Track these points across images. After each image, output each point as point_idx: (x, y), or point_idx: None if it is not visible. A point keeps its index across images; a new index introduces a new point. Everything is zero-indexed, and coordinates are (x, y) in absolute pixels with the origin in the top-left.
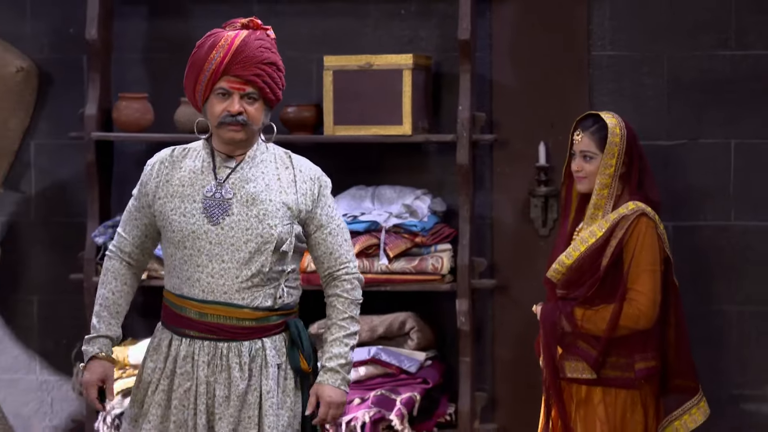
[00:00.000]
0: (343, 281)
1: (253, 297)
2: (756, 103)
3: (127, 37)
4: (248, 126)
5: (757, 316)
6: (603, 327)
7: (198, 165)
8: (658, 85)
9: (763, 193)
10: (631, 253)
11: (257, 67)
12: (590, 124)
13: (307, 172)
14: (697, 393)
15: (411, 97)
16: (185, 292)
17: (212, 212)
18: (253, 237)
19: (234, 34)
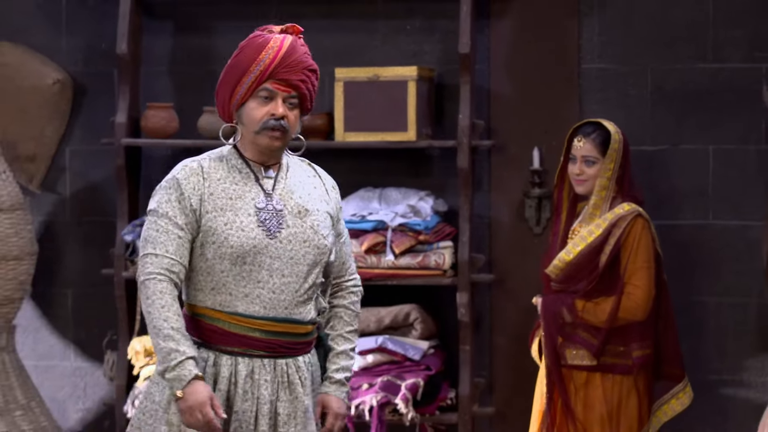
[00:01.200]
0: (350, 293)
1: (307, 310)
2: (732, 112)
3: (155, 51)
4: (288, 133)
5: (734, 307)
6: (602, 318)
7: (237, 176)
8: (643, 95)
9: (739, 194)
10: (628, 251)
11: (303, 72)
12: (591, 130)
13: (328, 181)
14: (683, 379)
15: (415, 106)
16: (241, 309)
17: (269, 225)
18: (311, 249)
19: (282, 37)
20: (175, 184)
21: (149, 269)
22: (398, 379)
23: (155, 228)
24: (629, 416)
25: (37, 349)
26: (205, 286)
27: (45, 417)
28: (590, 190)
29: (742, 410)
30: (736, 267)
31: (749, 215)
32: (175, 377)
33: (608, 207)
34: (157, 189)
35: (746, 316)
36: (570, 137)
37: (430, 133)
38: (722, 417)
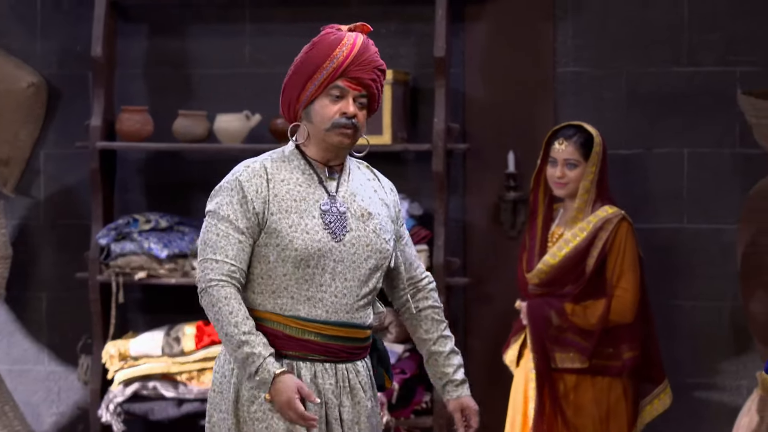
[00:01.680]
0: (431, 291)
1: (366, 315)
2: (707, 116)
3: (130, 54)
4: (358, 131)
5: (708, 310)
6: (592, 321)
7: (300, 177)
8: (618, 99)
9: (713, 198)
10: (615, 254)
11: (374, 71)
12: (572, 133)
13: (386, 183)
14: (663, 380)
15: (390, 110)
16: (303, 313)
17: (334, 228)
18: (373, 253)
19: (354, 35)
20: (237, 185)
21: (210, 275)
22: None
23: (215, 232)
24: (620, 418)
25: (11, 353)
26: (265, 289)
27: (19, 421)
28: (571, 193)
29: (716, 413)
30: (711, 271)
31: (724, 219)
32: (258, 383)
33: (591, 210)
34: (217, 190)
35: (720, 320)
36: (549, 140)
37: (405, 137)
38: (697, 420)
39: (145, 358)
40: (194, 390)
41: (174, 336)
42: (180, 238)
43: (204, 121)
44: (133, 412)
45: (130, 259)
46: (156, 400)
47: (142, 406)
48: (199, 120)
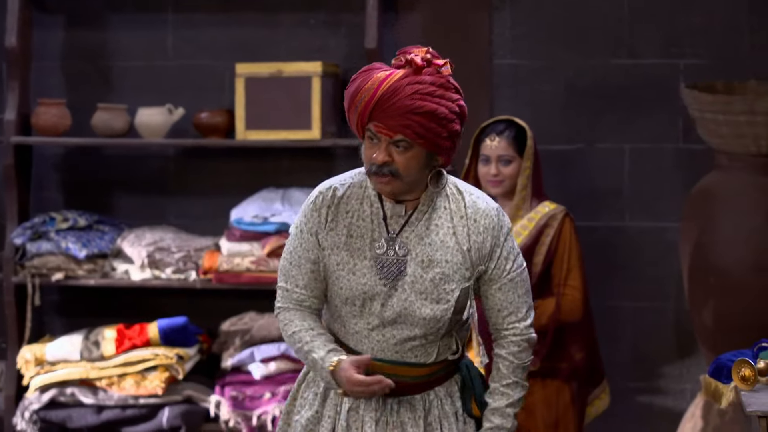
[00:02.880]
0: (509, 342)
1: (427, 354)
2: (648, 110)
3: (46, 45)
4: (399, 177)
5: (651, 311)
6: (542, 321)
7: (366, 210)
8: (556, 92)
9: (655, 195)
10: (562, 251)
11: (405, 117)
12: (503, 128)
13: (482, 221)
14: (603, 381)
15: (320, 103)
16: (351, 344)
17: (386, 272)
18: (429, 303)
19: (384, 76)
20: (308, 212)
21: (279, 303)
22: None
23: (289, 259)
24: (569, 420)
25: None
26: (333, 315)
27: None
28: (507, 191)
29: (659, 418)
30: (653, 270)
31: (666, 216)
32: (327, 383)
33: (529, 206)
34: (302, 208)
35: (663, 321)
36: (478, 137)
37: (335, 132)
38: (639, 425)
39: (63, 363)
40: (114, 396)
41: (93, 340)
42: (99, 237)
43: (124, 115)
44: (49, 420)
45: (47, 259)
46: (74, 407)
47: (60, 414)
48: (119, 114)
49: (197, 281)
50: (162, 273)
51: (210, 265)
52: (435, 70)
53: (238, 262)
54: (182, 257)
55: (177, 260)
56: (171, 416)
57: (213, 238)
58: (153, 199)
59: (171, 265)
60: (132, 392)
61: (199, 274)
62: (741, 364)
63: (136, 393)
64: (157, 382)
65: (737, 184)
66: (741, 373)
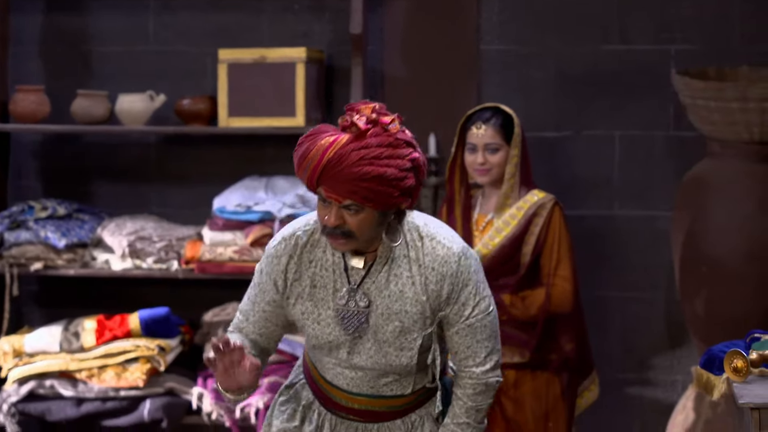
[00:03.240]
0: (466, 385)
1: (403, 387)
2: (638, 97)
3: (24, 29)
4: (353, 237)
5: (639, 302)
6: (532, 312)
7: (329, 260)
8: (545, 79)
9: (645, 183)
10: (551, 240)
11: (353, 184)
12: (489, 115)
13: (440, 269)
14: (592, 372)
15: (304, 90)
16: (329, 377)
17: (348, 324)
18: (393, 350)
19: (328, 143)
20: (270, 258)
21: (230, 328)
22: (285, 379)
23: (248, 294)
24: (559, 412)
25: None
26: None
27: None
28: (494, 180)
29: (649, 410)
30: (643, 260)
31: (657, 205)
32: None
33: (518, 195)
34: (266, 248)
35: (653, 312)
36: (464, 125)
37: (319, 118)
38: (629, 418)
39: (42, 354)
40: (94, 388)
41: (73, 331)
42: (79, 226)
43: (105, 102)
44: (28, 413)
45: (26, 248)
46: (53, 400)
47: (39, 406)
48: (100, 100)
49: (179, 271)
50: (143, 263)
51: (192, 254)
52: (382, 129)
53: (220, 251)
54: (164, 247)
55: (158, 250)
56: (152, 409)
57: (195, 228)
58: (134, 187)
59: (152, 254)
60: (112, 384)
61: (181, 263)
62: (733, 355)
63: (116, 385)
64: (138, 374)
65: (729, 171)
66: (733, 365)
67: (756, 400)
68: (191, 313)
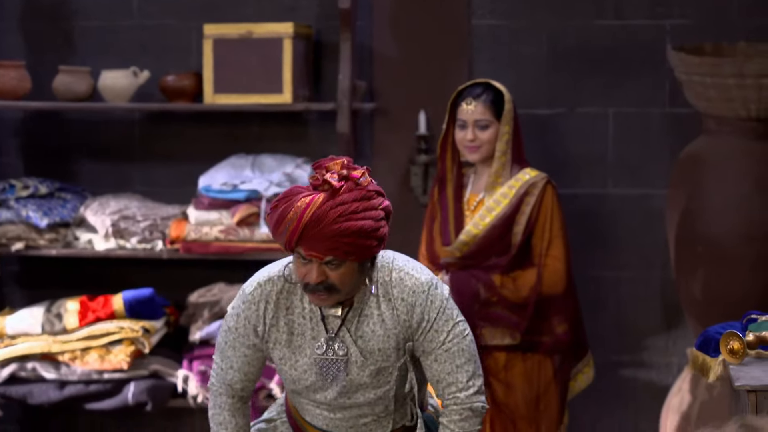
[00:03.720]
0: (451, 411)
1: (382, 427)
2: (633, 73)
3: (3, 3)
4: (335, 290)
5: (634, 281)
6: (523, 293)
7: (306, 308)
8: (538, 54)
9: (640, 161)
10: (543, 220)
11: (333, 241)
12: (480, 91)
13: (408, 299)
14: (587, 354)
15: (291, 66)
16: (307, 417)
17: (326, 372)
18: (371, 390)
19: (305, 204)
20: (247, 304)
21: (212, 379)
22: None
23: (224, 339)
24: (551, 402)
25: None
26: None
27: None
28: (484, 157)
29: (644, 393)
30: (638, 239)
31: (651, 183)
32: None
33: (509, 173)
34: (239, 292)
35: (648, 292)
36: (454, 101)
37: (307, 95)
38: (623, 400)
39: (24, 336)
40: (77, 371)
41: (55, 312)
42: (61, 205)
43: (87, 78)
44: (9, 396)
45: (7, 228)
46: (35, 383)
47: (20, 389)
48: (82, 77)
49: (164, 251)
50: (127, 243)
51: (177, 234)
52: (354, 184)
53: (206, 231)
54: (148, 226)
55: (143, 229)
56: (137, 392)
57: (180, 207)
58: (117, 165)
59: (136, 234)
60: (96, 367)
61: (165, 243)
62: (729, 337)
63: (100, 368)
64: (122, 356)
65: (726, 149)
66: (729, 346)
67: (752, 383)
68: (176, 294)
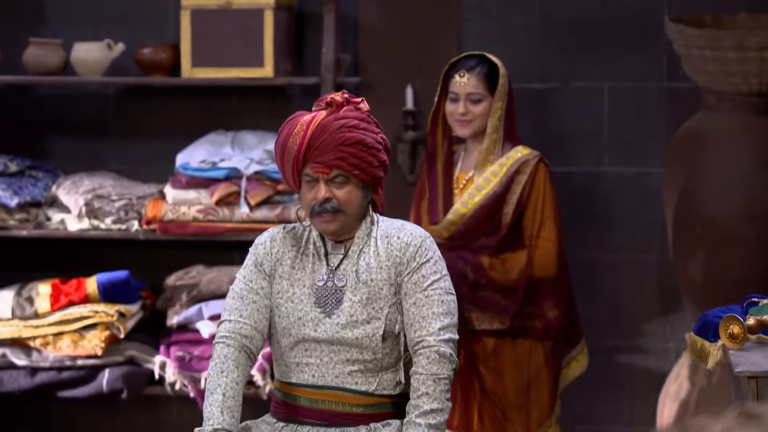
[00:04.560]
0: (419, 356)
1: (368, 383)
2: (629, 46)
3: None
4: (341, 212)
5: (630, 264)
6: (513, 276)
7: (310, 247)
8: (530, 26)
9: (637, 137)
10: (534, 199)
11: (338, 150)
12: (474, 63)
13: (404, 238)
14: (581, 340)
15: (273, 38)
16: (294, 379)
17: (325, 302)
18: (360, 323)
19: (310, 117)
20: (254, 249)
21: (220, 333)
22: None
23: (232, 295)
24: (542, 389)
25: None
26: (275, 356)
27: None
28: (475, 132)
29: (640, 380)
30: (634, 219)
31: (648, 161)
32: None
33: (500, 151)
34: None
35: (645, 275)
36: (447, 73)
37: (289, 69)
38: (617, 387)
39: None
40: (50, 357)
41: (26, 296)
42: (32, 184)
43: (59, 51)
44: None
45: None
46: (5, 369)
47: None
48: (54, 49)
49: (140, 232)
50: (101, 223)
51: (154, 214)
52: (354, 107)
53: (184, 210)
54: (123, 206)
55: (118, 209)
56: (111, 378)
57: (157, 185)
58: (91, 142)
59: (111, 214)
60: (69, 353)
61: (141, 224)
62: (729, 321)
63: (73, 353)
64: (96, 341)
65: (726, 125)
66: (729, 331)
67: (753, 369)
68: (153, 276)
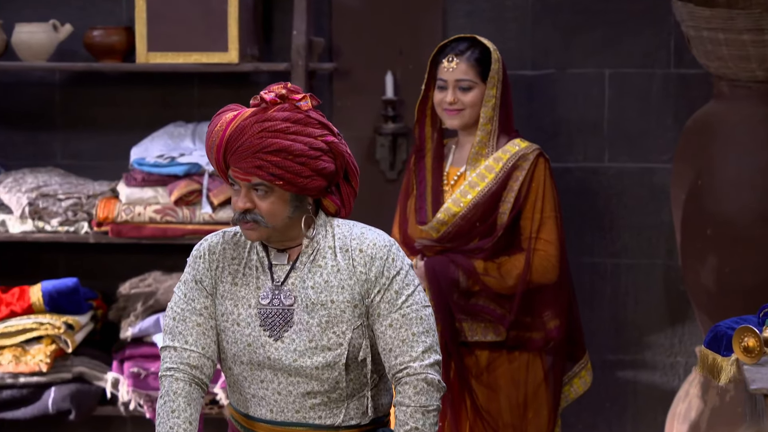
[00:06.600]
0: (404, 385)
1: (333, 415)
2: (632, 27)
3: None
4: (262, 224)
5: (634, 269)
6: (509, 282)
7: (253, 258)
8: (522, 7)
9: (641, 129)
10: (533, 198)
11: (256, 157)
12: (464, 48)
13: (368, 250)
14: (584, 356)
15: (238, 20)
16: (251, 412)
17: (272, 323)
18: (320, 349)
19: (232, 116)
20: (192, 261)
21: (166, 364)
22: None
23: (172, 315)
24: (540, 407)
25: None
26: (229, 382)
27: None
28: (466, 123)
29: (645, 397)
30: (639, 220)
31: (654, 156)
32: None
33: (495, 144)
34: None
35: (651, 281)
36: (434, 58)
37: (256, 54)
38: (620, 405)
39: None
40: None
41: None
42: None
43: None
44: None
45: None
46: None
47: None
48: None
49: (90, 234)
50: (47, 225)
51: (105, 214)
52: (292, 105)
53: (139, 211)
54: (71, 205)
55: (65, 209)
56: (58, 398)
57: (109, 183)
58: (35, 135)
59: (58, 215)
60: (10, 369)
61: (92, 225)
62: (743, 333)
63: (15, 370)
64: (40, 356)
65: (740, 115)
66: (744, 344)
67: None
68: (105, 284)
